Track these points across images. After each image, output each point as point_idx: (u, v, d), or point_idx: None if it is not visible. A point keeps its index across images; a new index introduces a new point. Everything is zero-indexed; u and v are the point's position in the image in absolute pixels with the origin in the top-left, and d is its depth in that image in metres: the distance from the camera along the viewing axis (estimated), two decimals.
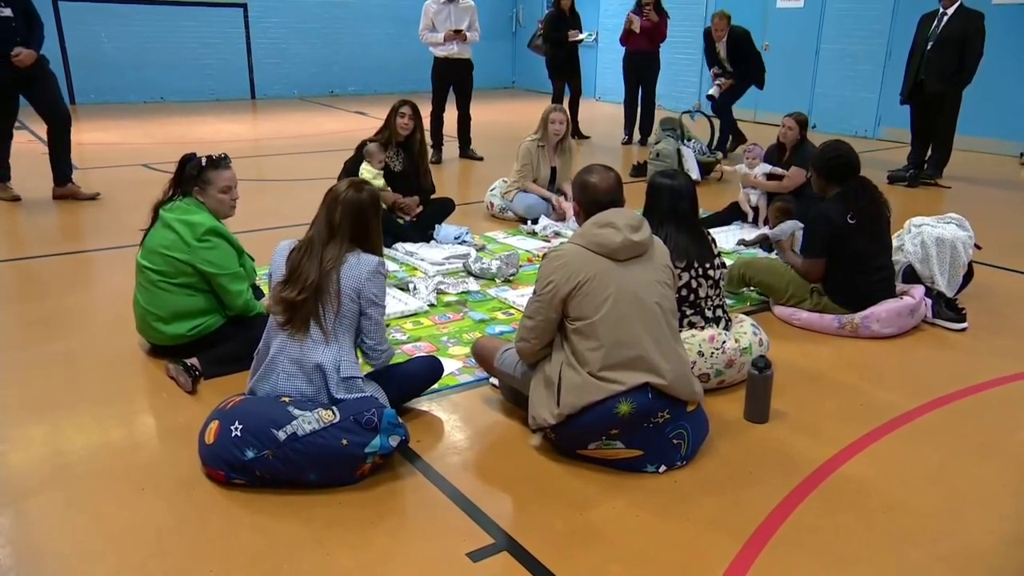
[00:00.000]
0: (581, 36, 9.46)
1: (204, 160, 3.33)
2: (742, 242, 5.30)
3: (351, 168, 5.12)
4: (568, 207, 5.67)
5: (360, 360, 2.78)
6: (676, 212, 3.26)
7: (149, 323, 3.34)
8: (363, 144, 5.21)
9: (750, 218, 5.85)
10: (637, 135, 9.60)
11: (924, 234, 4.19)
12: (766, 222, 5.70)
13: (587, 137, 10.02)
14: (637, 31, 8.91)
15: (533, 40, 9.94)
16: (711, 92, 8.72)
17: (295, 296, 2.62)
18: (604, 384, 2.55)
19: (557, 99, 9.39)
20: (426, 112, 6.41)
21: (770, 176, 5.75)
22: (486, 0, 13.31)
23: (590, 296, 2.58)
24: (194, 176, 3.32)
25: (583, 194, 2.81)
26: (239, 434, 2.46)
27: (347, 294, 2.65)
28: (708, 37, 8.80)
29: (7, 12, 5.78)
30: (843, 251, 3.86)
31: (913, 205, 6.55)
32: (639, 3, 8.98)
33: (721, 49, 8.64)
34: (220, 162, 3.34)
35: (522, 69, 16.26)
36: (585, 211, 2.79)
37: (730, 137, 8.90)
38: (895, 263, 4.13)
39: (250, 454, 2.44)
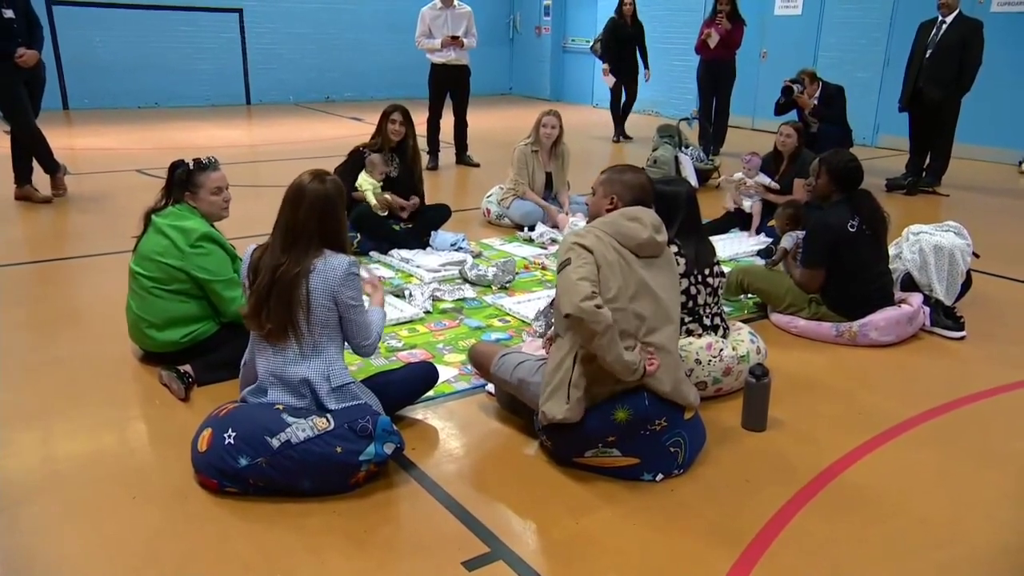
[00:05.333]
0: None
1: (192, 164, 3.31)
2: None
3: (343, 174, 5.10)
4: (565, 220, 5.64)
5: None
6: (693, 220, 3.26)
7: (142, 329, 3.31)
8: (356, 150, 5.19)
9: (739, 212, 5.79)
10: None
11: (922, 242, 4.18)
12: (759, 230, 5.67)
13: (630, 138, 10.34)
14: (713, 47, 8.78)
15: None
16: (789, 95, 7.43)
17: (262, 318, 2.55)
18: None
19: (619, 97, 10.18)
20: (422, 118, 6.39)
21: (767, 189, 5.71)
22: (483, 6, 13.35)
23: (610, 281, 2.52)
24: (183, 181, 3.30)
25: (627, 190, 2.77)
26: (232, 442, 2.44)
27: (321, 303, 2.56)
28: (795, 105, 7.49)
29: (9, 14, 5.85)
30: (842, 259, 3.84)
31: (911, 213, 6.55)
32: (714, 10, 8.87)
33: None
34: (208, 164, 3.33)
35: (519, 75, 16.25)
36: (626, 206, 2.74)
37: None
38: (893, 271, 4.12)
39: (243, 462, 2.42)
